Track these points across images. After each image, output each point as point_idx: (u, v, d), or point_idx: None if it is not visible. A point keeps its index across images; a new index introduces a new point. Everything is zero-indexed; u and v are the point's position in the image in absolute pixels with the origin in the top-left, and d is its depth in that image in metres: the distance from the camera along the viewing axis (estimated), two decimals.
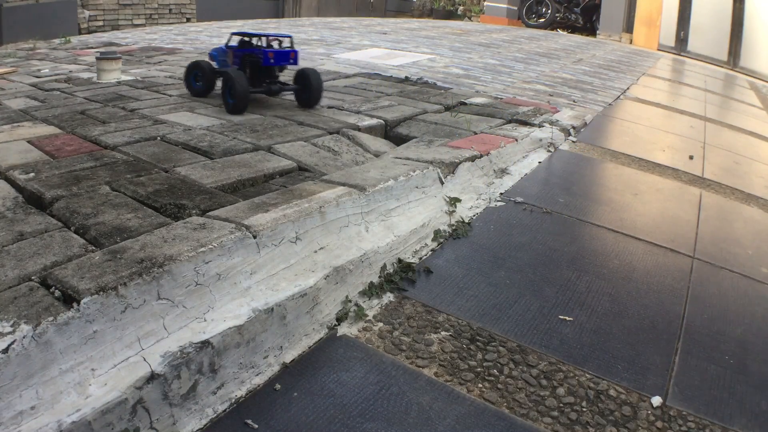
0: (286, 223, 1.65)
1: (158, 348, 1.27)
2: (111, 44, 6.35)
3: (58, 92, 3.62)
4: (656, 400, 1.46)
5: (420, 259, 2.01)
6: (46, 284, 1.29)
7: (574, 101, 4.41)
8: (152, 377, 1.21)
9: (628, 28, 11.29)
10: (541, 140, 3.17)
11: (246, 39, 3.41)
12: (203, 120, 2.95)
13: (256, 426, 1.29)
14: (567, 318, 1.76)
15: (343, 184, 2.00)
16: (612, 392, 1.48)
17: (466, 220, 2.29)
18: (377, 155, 2.67)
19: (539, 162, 2.95)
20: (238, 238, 1.52)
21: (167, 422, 1.23)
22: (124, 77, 4.15)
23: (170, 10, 10.75)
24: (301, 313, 1.56)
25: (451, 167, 2.42)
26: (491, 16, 13.60)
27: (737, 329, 1.82)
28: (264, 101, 3.52)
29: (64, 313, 1.17)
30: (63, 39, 6.59)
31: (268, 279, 1.56)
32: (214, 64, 3.57)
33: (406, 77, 4.66)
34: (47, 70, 4.53)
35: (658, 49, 10.39)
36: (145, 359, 1.24)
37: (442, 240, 2.13)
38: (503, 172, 2.75)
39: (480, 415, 1.37)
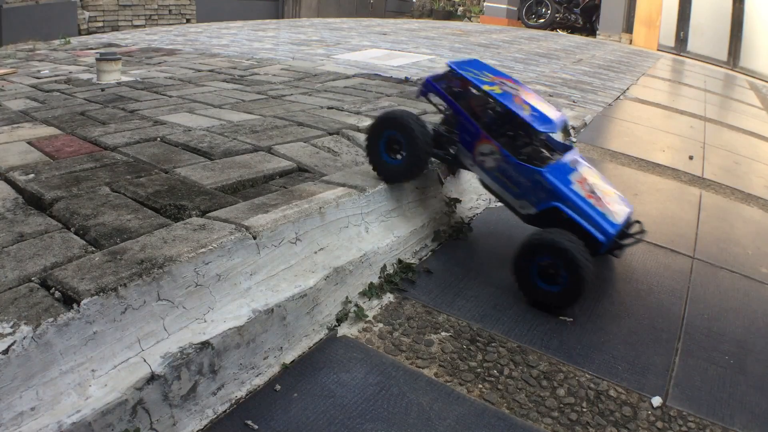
0: (286, 224, 1.65)
1: (158, 349, 1.27)
2: (111, 45, 6.35)
3: (58, 93, 3.63)
4: (656, 401, 1.46)
5: (420, 259, 2.01)
6: (47, 285, 1.29)
7: (573, 101, 4.41)
8: (152, 378, 1.21)
9: (628, 28, 11.29)
10: None
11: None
12: (203, 121, 2.95)
13: (256, 427, 1.29)
14: (567, 318, 1.76)
15: (343, 185, 2.00)
16: (612, 393, 1.48)
17: (466, 221, 2.29)
18: None
19: None
20: (238, 239, 1.52)
21: (167, 423, 1.23)
22: (124, 78, 4.15)
23: (170, 10, 10.76)
24: (301, 314, 1.56)
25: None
26: (491, 16, 13.60)
27: (737, 329, 1.82)
28: None
29: (64, 314, 1.17)
30: (63, 40, 6.59)
31: (268, 280, 1.56)
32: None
33: (406, 78, 4.66)
34: (47, 71, 4.53)
35: (658, 50, 10.39)
36: (145, 360, 1.24)
37: (442, 240, 2.13)
38: None
39: (480, 415, 1.37)
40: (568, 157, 1.93)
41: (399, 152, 1.96)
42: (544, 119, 1.84)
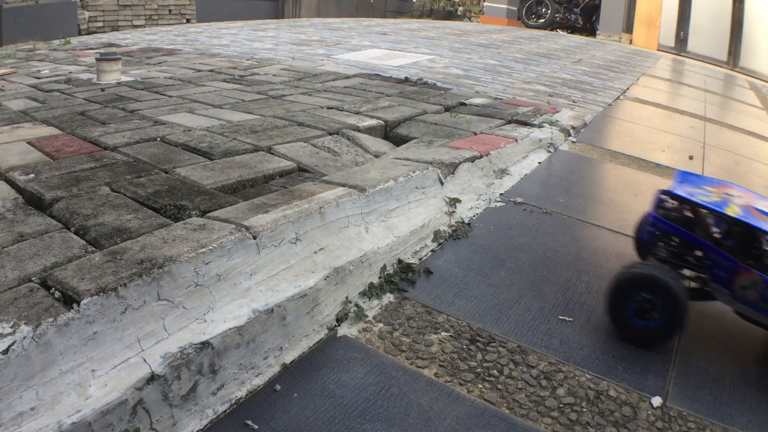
0: (286, 224, 1.65)
1: (158, 349, 1.27)
2: (111, 45, 6.35)
3: (58, 93, 3.63)
4: (656, 401, 1.46)
5: (420, 259, 2.01)
6: (47, 285, 1.29)
7: (573, 101, 4.41)
8: (152, 378, 1.21)
9: (628, 28, 11.30)
10: (540, 141, 3.17)
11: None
12: (203, 121, 2.95)
13: (257, 427, 1.29)
14: (567, 318, 1.76)
15: (343, 185, 2.00)
16: (612, 392, 1.48)
17: (466, 221, 2.29)
18: (377, 156, 2.67)
19: (539, 162, 2.96)
20: (238, 239, 1.52)
21: (167, 423, 1.23)
22: (124, 78, 4.15)
23: (170, 10, 10.76)
24: (301, 314, 1.56)
25: (451, 168, 2.42)
26: (491, 16, 13.61)
27: (737, 329, 1.82)
28: None
29: (65, 314, 1.17)
30: (63, 40, 6.59)
31: (268, 280, 1.56)
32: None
33: (406, 78, 4.66)
34: (47, 71, 4.53)
35: (658, 50, 10.39)
36: (145, 360, 1.24)
37: (442, 240, 2.13)
38: (503, 172, 2.75)
39: (480, 415, 1.37)
40: None
41: (650, 312, 1.71)
42: None
